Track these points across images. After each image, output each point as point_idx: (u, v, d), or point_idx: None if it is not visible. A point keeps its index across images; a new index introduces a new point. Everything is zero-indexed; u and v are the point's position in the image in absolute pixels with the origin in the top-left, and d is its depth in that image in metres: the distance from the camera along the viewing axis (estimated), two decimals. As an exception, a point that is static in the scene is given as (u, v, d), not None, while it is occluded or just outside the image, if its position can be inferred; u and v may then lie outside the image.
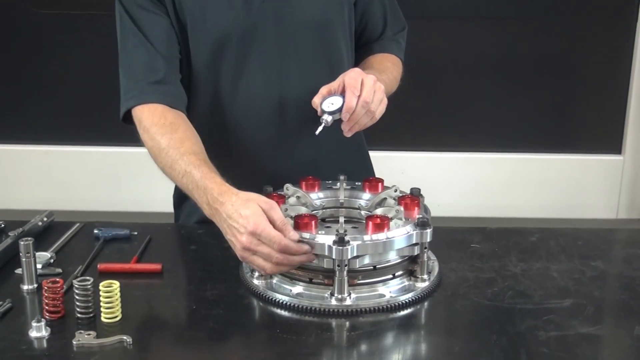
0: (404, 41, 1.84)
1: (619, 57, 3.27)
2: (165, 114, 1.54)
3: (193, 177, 1.41)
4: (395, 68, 1.76)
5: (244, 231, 1.26)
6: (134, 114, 1.57)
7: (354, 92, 1.43)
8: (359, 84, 1.44)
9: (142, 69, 1.58)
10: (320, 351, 1.18)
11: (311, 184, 1.51)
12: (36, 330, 1.19)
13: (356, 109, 1.43)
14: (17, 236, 1.49)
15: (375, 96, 1.45)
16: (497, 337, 1.20)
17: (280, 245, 1.25)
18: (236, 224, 1.28)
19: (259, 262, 1.28)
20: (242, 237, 1.27)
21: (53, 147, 3.34)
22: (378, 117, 1.48)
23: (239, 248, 1.29)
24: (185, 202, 1.78)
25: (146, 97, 1.56)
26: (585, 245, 1.57)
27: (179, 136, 1.50)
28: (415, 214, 1.37)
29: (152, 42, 1.58)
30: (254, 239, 1.26)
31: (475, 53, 3.27)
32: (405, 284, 1.34)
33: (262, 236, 1.25)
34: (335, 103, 1.45)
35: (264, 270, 1.29)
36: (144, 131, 1.54)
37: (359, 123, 1.46)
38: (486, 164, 3.37)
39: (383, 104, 1.49)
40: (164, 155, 1.49)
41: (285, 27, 1.61)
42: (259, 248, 1.27)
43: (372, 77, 1.47)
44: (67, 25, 3.21)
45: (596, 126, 3.37)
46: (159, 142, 1.50)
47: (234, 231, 1.29)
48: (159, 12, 1.59)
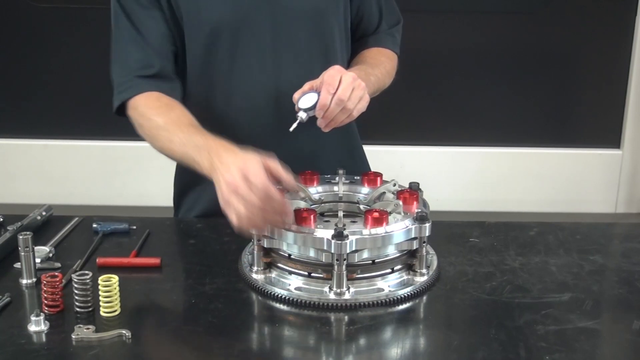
0: (399, 35, 1.85)
1: (617, 51, 3.27)
2: (161, 98, 1.55)
3: (195, 141, 1.41)
4: (390, 62, 1.76)
5: (234, 169, 1.24)
6: (129, 105, 1.58)
7: (329, 89, 1.43)
8: (336, 81, 1.43)
9: (136, 65, 1.59)
10: (319, 345, 1.18)
11: (310, 178, 1.51)
12: (35, 324, 1.19)
13: (330, 106, 1.43)
14: (16, 230, 1.49)
15: (353, 93, 1.44)
16: (496, 331, 1.20)
17: (264, 193, 1.22)
18: (230, 163, 1.27)
19: (237, 204, 1.23)
20: (227, 175, 1.24)
21: (52, 142, 3.34)
22: (356, 114, 1.47)
23: (223, 185, 1.25)
24: (185, 197, 1.78)
25: (141, 88, 1.57)
26: (584, 240, 1.57)
27: (176, 114, 1.52)
28: (414, 208, 1.37)
29: (147, 39, 1.59)
30: (241, 179, 1.23)
31: (475, 47, 3.27)
32: (404, 278, 1.35)
33: (251, 178, 1.23)
34: (310, 100, 1.45)
35: (238, 215, 1.23)
36: (140, 116, 1.55)
37: (334, 120, 1.46)
38: (485, 158, 3.37)
39: (363, 101, 1.47)
40: (161, 131, 1.50)
41: (280, 17, 1.61)
42: (242, 191, 1.22)
43: (352, 74, 1.46)
44: (67, 19, 3.20)
45: (595, 120, 3.37)
46: (156, 122, 1.51)
47: (224, 170, 1.27)
48: (154, 7, 1.59)
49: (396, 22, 1.84)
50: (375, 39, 1.80)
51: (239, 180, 1.23)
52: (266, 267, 1.36)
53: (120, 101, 1.59)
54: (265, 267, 1.36)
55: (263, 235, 1.32)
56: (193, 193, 1.76)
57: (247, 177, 1.23)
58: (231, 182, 1.24)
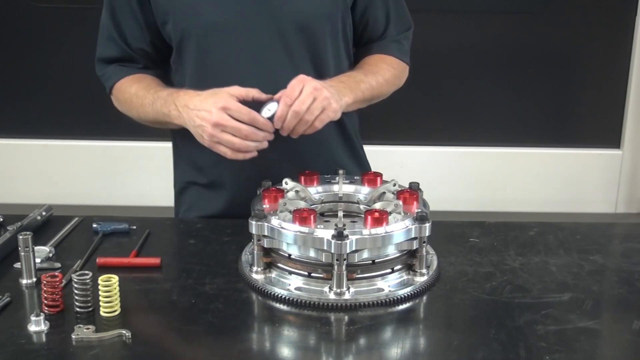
0: (408, 42, 1.81)
1: (618, 51, 3.27)
2: (135, 75, 1.68)
3: (161, 95, 1.57)
4: (391, 70, 1.73)
5: (215, 110, 1.40)
6: (114, 90, 1.70)
7: (286, 100, 1.45)
8: (296, 91, 1.45)
9: (117, 61, 1.70)
10: (319, 345, 1.18)
11: (310, 178, 1.51)
12: (35, 324, 1.19)
13: (287, 117, 1.45)
14: (16, 230, 1.49)
15: (313, 104, 1.45)
16: (496, 331, 1.20)
17: (250, 116, 1.42)
18: (206, 106, 1.42)
19: (228, 137, 1.41)
20: (212, 116, 1.40)
21: (52, 141, 3.34)
22: (319, 125, 1.48)
23: (209, 127, 1.41)
24: (185, 196, 1.78)
25: (124, 73, 1.69)
26: (584, 240, 1.57)
27: (147, 82, 1.66)
28: (414, 208, 1.38)
29: (126, 40, 1.67)
30: (224, 115, 1.41)
31: (475, 47, 3.27)
32: (404, 278, 1.35)
33: (233, 110, 1.41)
34: (271, 110, 1.47)
35: (232, 146, 1.42)
36: (118, 92, 1.68)
37: (294, 131, 1.47)
38: (485, 158, 3.37)
39: (328, 112, 1.47)
40: (134, 98, 1.63)
41: (272, 20, 1.60)
42: (230, 123, 1.41)
43: (314, 84, 1.46)
44: (67, 19, 3.20)
45: (595, 120, 3.37)
46: (129, 91, 1.64)
47: (204, 114, 1.42)
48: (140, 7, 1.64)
49: (406, 28, 1.80)
50: (380, 45, 1.76)
51: (223, 115, 1.40)
52: (266, 267, 1.36)
53: (107, 89, 1.70)
54: (265, 267, 1.36)
55: (263, 235, 1.33)
56: (192, 193, 1.76)
57: (228, 109, 1.41)
58: (217, 120, 1.40)
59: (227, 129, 1.42)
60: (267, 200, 1.41)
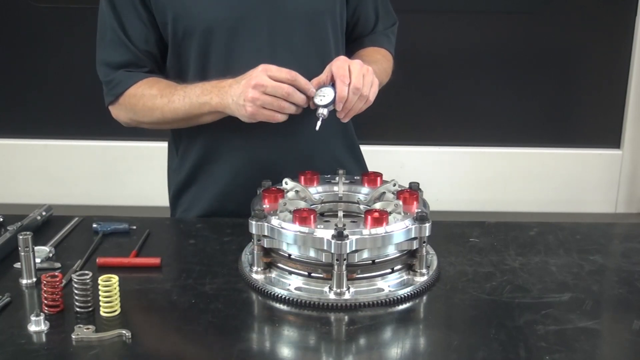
0: (394, 36, 1.87)
1: (618, 51, 3.27)
2: (148, 78, 1.65)
3: (194, 88, 1.56)
4: (385, 61, 1.78)
5: (255, 73, 1.43)
6: (120, 99, 1.65)
7: (344, 80, 1.46)
8: (347, 71, 1.47)
9: (125, 66, 1.66)
10: (319, 345, 1.18)
11: (310, 178, 1.51)
12: (35, 324, 1.19)
13: (349, 96, 1.46)
14: (16, 230, 1.49)
15: (365, 80, 1.48)
16: (496, 331, 1.20)
17: (291, 75, 1.45)
18: (247, 77, 1.46)
19: (270, 99, 1.44)
20: (252, 80, 1.43)
21: (52, 141, 3.34)
22: (372, 98, 1.51)
23: (250, 91, 1.44)
24: (181, 197, 1.78)
25: (133, 79, 1.64)
26: (584, 240, 1.57)
27: (166, 82, 1.64)
28: (414, 208, 1.38)
29: (133, 42, 1.64)
30: (264, 75, 1.43)
31: (475, 47, 3.27)
32: (404, 278, 1.35)
33: (273, 70, 1.44)
34: (327, 95, 1.48)
35: (279, 108, 1.45)
36: (131, 97, 1.63)
37: (353, 109, 1.49)
38: (485, 158, 3.37)
39: (375, 86, 1.51)
40: (158, 99, 1.60)
41: (276, 18, 1.61)
42: (270, 83, 1.43)
43: (358, 61, 1.50)
44: (67, 19, 3.20)
45: (595, 120, 3.37)
46: (150, 92, 1.61)
47: (245, 82, 1.45)
48: (141, 6, 1.62)
49: (392, 23, 1.86)
50: (371, 39, 1.81)
51: (263, 76, 1.44)
52: (266, 267, 1.36)
53: (114, 96, 1.65)
54: (265, 267, 1.36)
55: (263, 235, 1.33)
56: (189, 193, 1.76)
57: (268, 70, 1.45)
58: (258, 81, 1.43)
59: (267, 89, 1.43)
60: (267, 200, 1.41)
